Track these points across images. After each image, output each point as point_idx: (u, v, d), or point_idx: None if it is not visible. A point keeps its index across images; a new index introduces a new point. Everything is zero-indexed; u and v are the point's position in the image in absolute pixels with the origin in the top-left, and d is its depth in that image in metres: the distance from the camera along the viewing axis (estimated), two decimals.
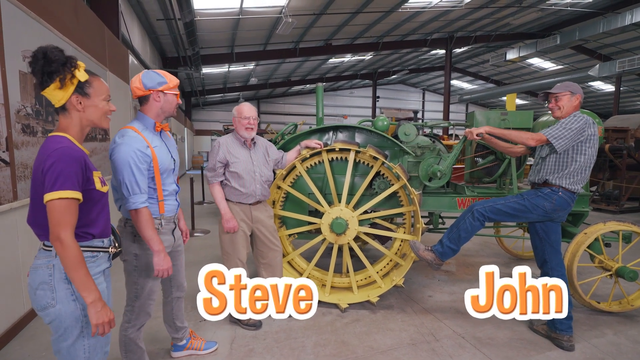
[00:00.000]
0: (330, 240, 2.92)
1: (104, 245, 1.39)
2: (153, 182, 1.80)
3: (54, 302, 1.26)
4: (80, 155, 1.25)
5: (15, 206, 2.49)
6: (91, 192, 1.29)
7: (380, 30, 13.81)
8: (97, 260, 1.36)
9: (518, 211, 2.39)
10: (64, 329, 1.28)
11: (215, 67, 15.48)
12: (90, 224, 1.32)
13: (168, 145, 1.91)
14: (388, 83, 27.33)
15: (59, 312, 1.26)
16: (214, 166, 2.50)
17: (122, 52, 5.43)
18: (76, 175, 1.22)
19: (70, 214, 1.21)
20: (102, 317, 1.24)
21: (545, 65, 19.07)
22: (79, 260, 1.20)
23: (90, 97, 1.33)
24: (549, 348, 2.41)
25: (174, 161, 1.91)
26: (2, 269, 2.38)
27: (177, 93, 1.87)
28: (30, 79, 2.73)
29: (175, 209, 1.95)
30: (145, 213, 1.69)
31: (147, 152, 1.72)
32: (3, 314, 2.39)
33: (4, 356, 2.25)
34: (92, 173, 1.30)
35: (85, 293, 1.21)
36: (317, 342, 2.46)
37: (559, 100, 2.39)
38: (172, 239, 1.96)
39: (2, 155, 2.38)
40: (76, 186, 1.22)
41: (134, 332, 1.91)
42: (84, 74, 1.30)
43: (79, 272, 1.20)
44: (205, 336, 2.51)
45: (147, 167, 1.72)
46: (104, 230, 1.39)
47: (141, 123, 1.81)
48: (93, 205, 1.32)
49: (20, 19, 2.61)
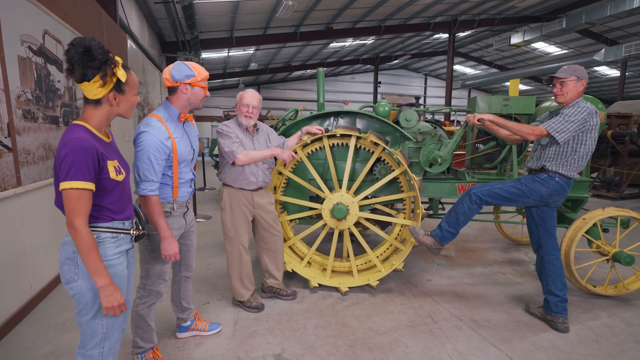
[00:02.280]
0: (331, 225, 2.95)
1: (125, 227, 1.45)
2: (170, 171, 1.87)
3: (77, 277, 1.32)
4: (92, 146, 1.27)
5: (20, 192, 2.51)
6: (105, 180, 1.33)
7: (382, 13, 13.55)
8: (117, 240, 1.40)
9: (515, 195, 2.41)
10: (84, 304, 1.34)
11: (215, 51, 15.27)
12: (108, 208, 1.37)
13: (190, 136, 1.98)
14: (390, 68, 26.97)
15: (80, 287, 1.32)
16: (230, 147, 2.40)
17: (120, 37, 5.36)
18: (87, 166, 1.25)
19: (82, 202, 1.25)
20: (112, 301, 1.29)
21: (550, 49, 18.75)
22: (90, 246, 1.25)
23: (125, 93, 1.39)
24: (544, 330, 2.46)
25: (193, 151, 1.98)
26: (9, 253, 2.42)
27: (205, 86, 1.91)
28: (29, 64, 2.72)
29: (188, 195, 2.02)
30: (154, 200, 1.75)
31: (167, 144, 1.79)
32: (11, 297, 2.44)
33: (14, 337, 2.32)
34: (106, 163, 1.33)
35: (96, 278, 1.26)
36: (318, 324, 2.52)
37: (565, 85, 2.36)
38: (184, 222, 2.03)
39: (5, 141, 2.39)
40: (87, 177, 1.25)
41: (144, 308, 1.99)
42: (124, 73, 1.35)
43: (90, 258, 1.25)
44: (209, 318, 2.57)
45: (165, 157, 1.80)
46: (124, 213, 1.44)
47: (167, 112, 1.88)
48: (109, 192, 1.36)
49: (18, 4, 2.58)
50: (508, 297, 2.96)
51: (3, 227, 2.37)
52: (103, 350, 1.38)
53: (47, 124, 2.94)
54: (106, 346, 1.39)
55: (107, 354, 1.40)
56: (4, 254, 2.37)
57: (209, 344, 2.28)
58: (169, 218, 1.92)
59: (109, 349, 1.40)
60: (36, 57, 2.82)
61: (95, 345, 1.37)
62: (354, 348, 2.25)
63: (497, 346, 2.27)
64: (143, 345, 2.02)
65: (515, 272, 3.48)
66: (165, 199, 1.90)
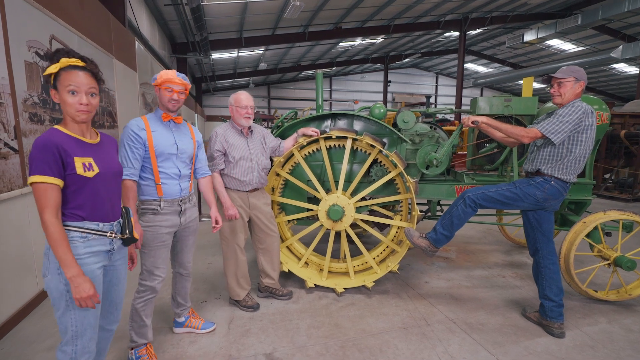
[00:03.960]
0: (327, 226, 2.97)
1: (99, 228, 1.45)
2: (149, 162, 1.97)
3: (47, 272, 1.39)
4: (54, 143, 1.31)
5: (26, 192, 2.62)
6: (73, 176, 1.36)
7: (391, 12, 13.46)
8: (88, 241, 1.41)
9: (509, 199, 2.39)
10: (53, 299, 1.39)
11: (225, 52, 15.45)
12: (79, 207, 1.40)
13: (175, 134, 2.07)
14: (400, 67, 26.77)
15: (49, 282, 1.38)
16: (212, 155, 2.57)
17: (129, 40, 5.49)
18: (47, 161, 1.29)
19: (47, 196, 1.30)
20: (81, 292, 1.32)
21: (566, 46, 18.29)
22: (58, 238, 1.30)
23: (58, 90, 1.39)
24: (540, 334, 2.43)
25: (176, 147, 2.04)
26: (15, 250, 2.53)
27: (172, 89, 1.98)
28: (36, 69, 2.82)
29: (178, 193, 2.05)
30: (127, 185, 1.89)
31: (140, 134, 1.93)
32: (16, 294, 2.55)
33: (19, 332, 2.42)
34: (72, 159, 1.35)
35: (65, 269, 1.31)
36: (311, 324, 2.55)
37: (562, 86, 2.33)
38: (177, 220, 2.07)
39: (11, 144, 2.49)
40: (47, 171, 1.29)
41: (140, 303, 2.06)
42: (53, 67, 1.37)
43: (58, 249, 1.30)
44: (205, 316, 2.63)
45: (141, 146, 1.93)
46: (96, 214, 1.44)
47: (155, 112, 2.10)
48: (78, 189, 1.38)
49: (24, 10, 2.68)
50: (506, 300, 2.93)
51: (10, 225, 2.47)
52: (76, 348, 1.42)
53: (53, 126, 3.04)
54: (79, 344, 1.42)
55: (81, 353, 1.43)
56: (11, 251, 2.48)
57: (202, 342, 2.33)
58: (157, 215, 1.98)
59: (82, 348, 1.43)
60: (43, 62, 2.92)
61: (67, 341, 1.41)
62: (345, 349, 2.27)
63: (489, 350, 2.26)
64: (137, 340, 2.08)
65: (516, 275, 3.44)
66: (150, 195, 1.99)
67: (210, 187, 2.34)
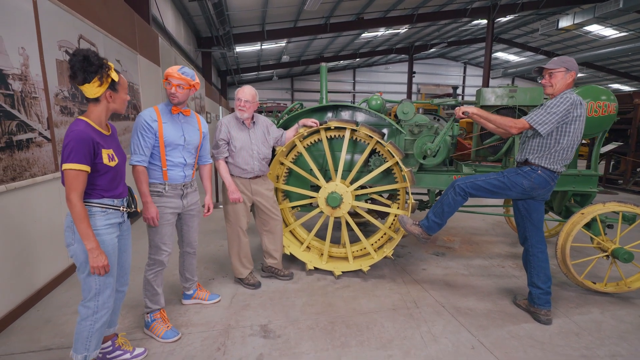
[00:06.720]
0: (326, 213, 3.14)
1: (114, 204, 1.76)
2: (158, 151, 2.21)
3: (73, 242, 1.66)
4: (88, 136, 1.59)
5: (58, 176, 2.96)
6: (99, 165, 1.65)
7: (414, 1, 13.20)
8: (107, 214, 1.72)
9: (497, 188, 2.44)
10: (80, 263, 1.67)
11: (248, 45, 15.77)
12: (101, 188, 1.69)
13: (183, 126, 2.29)
14: (426, 57, 26.11)
15: (76, 249, 1.66)
16: (217, 144, 2.79)
17: (152, 36, 5.83)
18: (83, 152, 1.57)
19: (77, 181, 1.57)
20: (96, 262, 1.61)
21: (606, 32, 17.17)
22: (81, 216, 1.56)
23: (118, 92, 1.71)
24: (526, 320, 2.50)
25: (184, 139, 2.27)
26: (49, 227, 2.88)
27: (171, 83, 2.18)
28: (66, 66, 3.15)
29: (181, 179, 2.31)
30: (139, 170, 2.15)
31: (152, 124, 2.17)
32: (50, 265, 2.91)
33: (52, 298, 2.78)
34: (101, 150, 1.65)
35: (86, 241, 1.59)
36: (307, 302, 2.74)
37: (553, 76, 2.34)
38: (180, 203, 2.33)
39: (45, 133, 2.83)
40: (82, 160, 1.57)
41: (151, 274, 2.33)
42: (116, 75, 1.69)
43: (81, 225, 1.57)
44: (212, 291, 2.88)
45: (151, 135, 2.17)
46: (114, 193, 1.75)
47: (165, 103, 2.30)
48: (102, 175, 1.69)
49: (55, 13, 2.99)
50: (499, 288, 2.99)
51: (44, 205, 2.82)
52: (98, 304, 1.71)
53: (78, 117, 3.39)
54: (100, 300, 1.71)
55: (101, 307, 1.73)
56: (45, 228, 2.83)
57: (206, 312, 2.59)
58: (162, 197, 2.24)
59: (103, 303, 1.72)
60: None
61: (91, 298, 1.70)
62: (334, 324, 2.44)
63: (472, 332, 2.36)
64: (151, 306, 2.36)
65: (516, 266, 3.46)
66: (156, 179, 2.24)
67: (209, 175, 2.55)
